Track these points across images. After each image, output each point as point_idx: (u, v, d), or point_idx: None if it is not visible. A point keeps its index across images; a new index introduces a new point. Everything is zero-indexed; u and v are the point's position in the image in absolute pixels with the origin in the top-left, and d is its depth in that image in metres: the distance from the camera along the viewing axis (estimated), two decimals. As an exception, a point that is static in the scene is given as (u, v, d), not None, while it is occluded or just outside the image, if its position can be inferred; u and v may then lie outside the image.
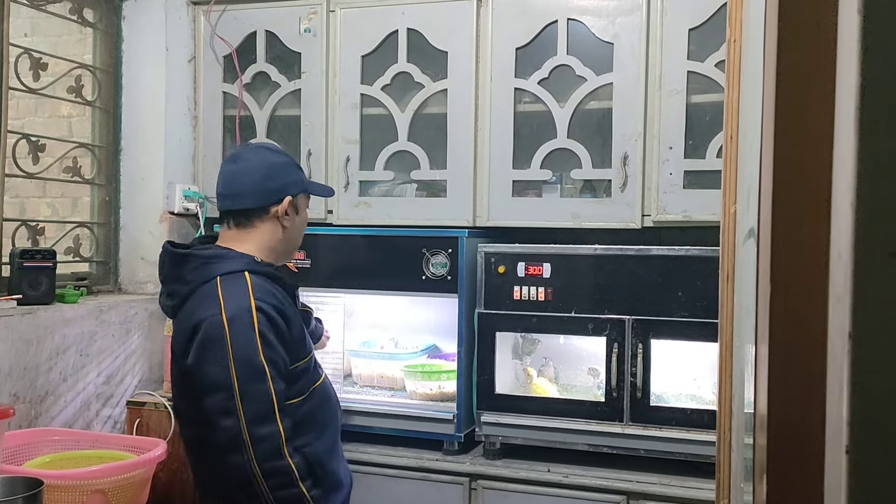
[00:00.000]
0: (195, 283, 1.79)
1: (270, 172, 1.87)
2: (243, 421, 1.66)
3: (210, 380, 1.70)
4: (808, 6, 0.72)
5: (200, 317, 1.73)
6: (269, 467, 1.67)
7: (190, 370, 1.74)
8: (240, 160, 1.91)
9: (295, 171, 1.92)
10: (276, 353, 1.73)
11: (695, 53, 2.43)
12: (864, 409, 0.60)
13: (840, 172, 0.64)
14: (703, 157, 2.43)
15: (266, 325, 1.72)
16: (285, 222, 1.87)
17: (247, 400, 1.67)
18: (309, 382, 1.86)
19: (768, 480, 0.78)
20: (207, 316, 1.71)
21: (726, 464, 1.62)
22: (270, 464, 1.68)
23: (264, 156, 1.92)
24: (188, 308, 1.78)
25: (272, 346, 1.72)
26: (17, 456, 2.17)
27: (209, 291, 1.75)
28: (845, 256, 0.61)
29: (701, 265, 2.29)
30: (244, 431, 1.66)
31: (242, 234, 1.86)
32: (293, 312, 1.85)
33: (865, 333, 0.60)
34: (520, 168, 2.60)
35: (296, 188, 1.90)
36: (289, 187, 1.88)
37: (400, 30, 2.71)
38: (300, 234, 1.96)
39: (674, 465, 2.36)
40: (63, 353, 2.41)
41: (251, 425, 1.66)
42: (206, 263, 1.80)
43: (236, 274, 1.76)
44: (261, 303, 1.72)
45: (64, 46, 2.95)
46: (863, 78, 0.60)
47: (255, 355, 1.69)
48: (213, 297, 1.73)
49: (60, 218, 3.14)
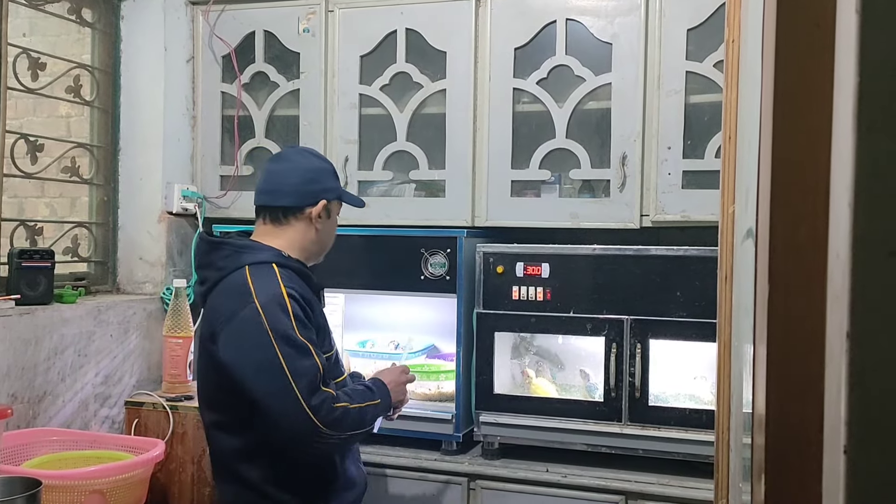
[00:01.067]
0: (226, 271, 1.88)
1: (311, 175, 1.99)
2: (301, 396, 1.73)
3: (256, 364, 1.77)
4: (807, 6, 0.72)
5: (233, 308, 1.80)
6: (331, 420, 1.77)
7: (230, 360, 1.80)
8: (284, 160, 2.04)
9: (333, 178, 2.04)
10: (311, 332, 1.83)
11: (693, 54, 2.43)
12: (863, 408, 0.60)
13: (838, 172, 0.64)
14: (701, 157, 2.43)
15: (298, 310, 1.81)
16: (318, 224, 1.98)
17: (297, 376, 1.74)
18: (330, 377, 1.91)
19: (766, 480, 0.78)
20: (241, 305, 1.79)
21: (725, 464, 1.62)
22: (331, 417, 1.77)
23: (308, 159, 2.04)
24: (218, 295, 1.87)
25: (307, 328, 1.82)
26: (15, 456, 2.17)
27: (239, 280, 1.83)
28: (843, 256, 0.61)
29: (699, 265, 2.30)
30: (304, 406, 1.73)
31: (276, 231, 1.97)
32: (319, 308, 1.94)
33: (864, 333, 0.60)
34: (518, 168, 2.61)
35: (332, 194, 2.01)
36: (326, 192, 1.99)
37: (399, 30, 2.71)
38: (330, 238, 2.06)
39: (672, 465, 2.37)
40: (61, 353, 2.41)
41: (309, 398, 1.74)
42: (238, 252, 1.89)
43: (265, 265, 1.86)
44: (290, 290, 1.82)
45: (62, 46, 2.94)
46: (861, 77, 0.60)
47: (294, 334, 1.77)
48: (243, 285, 1.81)
49: (59, 218, 3.13)
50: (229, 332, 1.79)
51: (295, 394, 1.72)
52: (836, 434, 0.62)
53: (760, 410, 0.80)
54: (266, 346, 1.74)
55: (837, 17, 0.66)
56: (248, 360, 1.77)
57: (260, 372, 1.76)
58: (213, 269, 1.90)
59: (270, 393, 1.75)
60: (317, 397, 1.75)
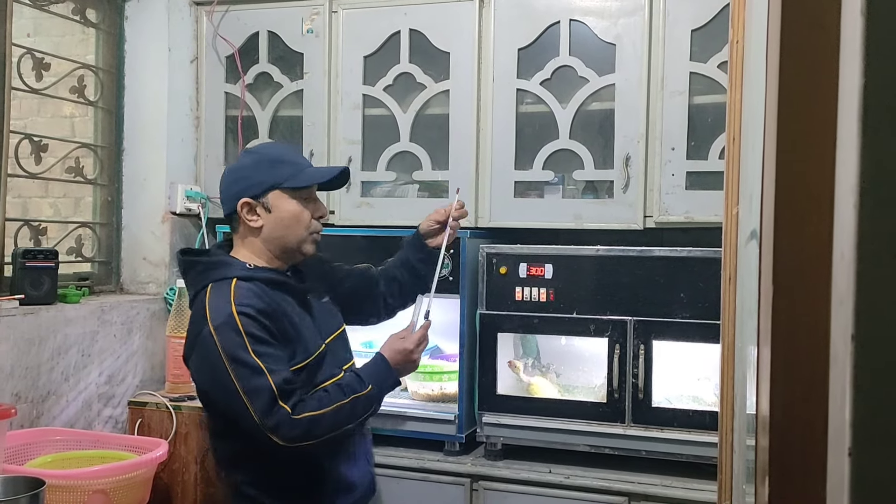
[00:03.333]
0: (194, 290, 1.85)
1: (233, 177, 1.88)
2: (255, 417, 1.70)
3: (215, 386, 1.76)
4: (811, 7, 0.72)
5: (194, 331, 1.79)
6: (293, 436, 1.72)
7: (196, 381, 1.84)
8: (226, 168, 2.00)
9: (264, 170, 1.84)
10: (269, 347, 1.76)
11: (697, 54, 2.43)
12: (867, 410, 0.60)
13: (843, 173, 0.64)
14: (705, 158, 2.43)
15: (253, 326, 1.74)
16: (255, 223, 1.83)
17: (251, 397, 1.71)
18: (310, 381, 1.84)
19: (770, 482, 0.77)
20: (199, 327, 1.77)
21: (728, 465, 1.62)
22: (293, 433, 1.72)
23: (239, 160, 1.97)
24: (192, 313, 1.85)
25: (264, 343, 1.75)
26: (18, 456, 2.17)
27: (201, 301, 1.80)
28: (848, 257, 0.61)
29: (703, 266, 2.29)
30: (261, 426, 1.70)
31: (236, 240, 1.91)
32: (292, 314, 1.85)
33: (868, 335, 0.60)
34: (522, 169, 2.60)
35: (257, 188, 1.82)
36: (249, 188, 1.83)
37: (402, 30, 2.71)
38: (287, 231, 1.85)
39: (675, 466, 2.36)
40: (65, 352, 2.41)
41: (263, 418, 1.70)
42: (206, 269, 1.85)
43: (225, 281, 1.80)
44: (241, 307, 1.75)
45: (66, 46, 2.95)
46: (866, 79, 0.60)
47: (245, 355, 1.72)
48: (202, 307, 1.78)
49: (63, 218, 3.14)
50: (195, 354, 1.79)
51: (250, 414, 1.70)
52: (841, 436, 0.62)
53: (764, 412, 0.80)
54: (220, 368, 1.72)
55: (842, 18, 0.66)
56: (209, 382, 1.78)
57: (219, 393, 1.76)
58: (189, 287, 1.89)
59: (233, 412, 1.74)
60: (272, 417, 1.70)
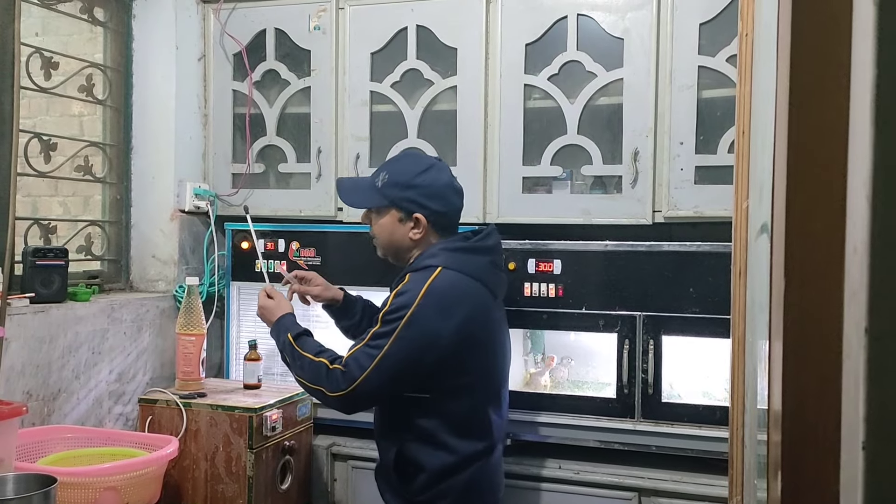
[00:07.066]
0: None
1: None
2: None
3: None
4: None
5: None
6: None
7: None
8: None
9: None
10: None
11: (706, 48, 2.42)
12: (881, 404, 0.60)
13: (856, 166, 0.64)
14: (714, 152, 2.42)
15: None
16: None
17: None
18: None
19: (783, 477, 0.77)
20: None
21: (739, 460, 1.62)
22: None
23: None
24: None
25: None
26: (30, 453, 2.18)
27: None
28: (861, 250, 0.61)
29: (712, 261, 2.28)
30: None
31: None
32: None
33: (882, 328, 0.59)
34: (530, 164, 2.60)
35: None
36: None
37: (409, 27, 2.71)
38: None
39: (686, 461, 2.36)
40: (75, 350, 2.42)
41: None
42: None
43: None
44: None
45: (75, 45, 2.96)
46: (879, 70, 0.59)
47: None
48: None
49: (72, 216, 3.15)
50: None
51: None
52: (855, 430, 0.61)
53: (776, 407, 0.79)
54: None
55: (854, 10, 0.66)
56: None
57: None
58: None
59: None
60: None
